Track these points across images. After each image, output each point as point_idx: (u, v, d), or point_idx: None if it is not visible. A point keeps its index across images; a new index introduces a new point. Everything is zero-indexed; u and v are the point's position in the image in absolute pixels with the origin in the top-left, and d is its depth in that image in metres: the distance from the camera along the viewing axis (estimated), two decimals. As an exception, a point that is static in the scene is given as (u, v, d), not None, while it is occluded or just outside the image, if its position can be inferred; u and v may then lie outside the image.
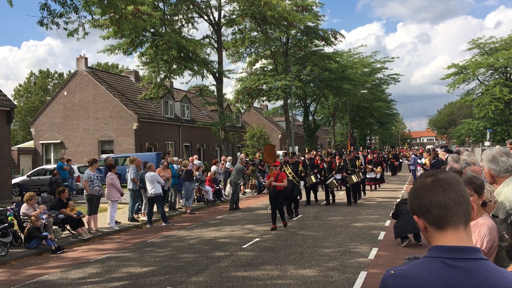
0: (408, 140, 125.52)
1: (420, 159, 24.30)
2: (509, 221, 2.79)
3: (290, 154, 15.83)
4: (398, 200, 11.52)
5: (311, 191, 17.61)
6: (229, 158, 23.79)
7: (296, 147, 34.82)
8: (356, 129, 65.27)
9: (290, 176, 14.27)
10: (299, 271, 8.06)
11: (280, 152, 33.00)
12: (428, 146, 33.67)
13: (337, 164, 17.63)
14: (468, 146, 56.85)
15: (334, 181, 16.84)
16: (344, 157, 18.79)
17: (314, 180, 17.05)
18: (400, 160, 39.30)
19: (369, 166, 21.41)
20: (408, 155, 38.27)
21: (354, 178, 17.02)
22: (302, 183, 15.25)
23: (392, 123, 79.34)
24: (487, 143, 46.12)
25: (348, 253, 9.27)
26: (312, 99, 46.94)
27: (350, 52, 49.83)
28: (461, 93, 58.33)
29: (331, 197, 17.44)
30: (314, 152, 20.60)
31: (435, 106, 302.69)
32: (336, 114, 54.16)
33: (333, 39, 34.74)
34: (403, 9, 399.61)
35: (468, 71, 53.76)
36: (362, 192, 19.36)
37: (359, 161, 18.19)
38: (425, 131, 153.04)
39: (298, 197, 14.88)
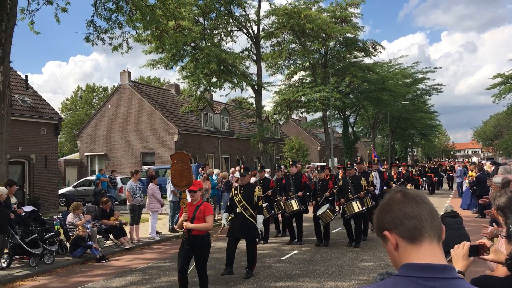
0: (451, 152, 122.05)
1: (465, 172, 23.23)
2: None
3: (242, 170, 9.71)
4: (442, 213, 11.22)
5: (293, 222, 12.28)
6: (268, 169, 23.81)
7: (336, 159, 34.49)
8: (397, 141, 64.05)
9: (239, 206, 8.75)
10: (339, 284, 7.96)
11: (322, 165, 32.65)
12: (473, 158, 31.89)
13: (335, 184, 12.18)
14: (516, 158, 54.74)
15: (329, 211, 11.32)
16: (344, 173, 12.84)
17: (296, 207, 11.74)
18: (442, 174, 34.09)
19: (393, 185, 14.85)
20: (447, 168, 34.92)
21: (356, 206, 11.18)
22: (260, 218, 8.86)
23: (435, 134, 77.41)
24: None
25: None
26: (352, 111, 46.48)
27: (391, 63, 49.21)
28: (507, 103, 56.27)
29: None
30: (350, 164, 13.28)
31: (481, 117, 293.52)
32: (376, 125, 53.38)
33: (372, 50, 34.42)
34: (447, 17, 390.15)
35: (514, 80, 51.91)
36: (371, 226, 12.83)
37: (370, 178, 11.97)
38: (469, 143, 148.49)
39: (255, 241, 9.07)
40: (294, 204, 11.73)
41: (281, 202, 12.17)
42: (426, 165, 31.92)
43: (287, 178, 12.43)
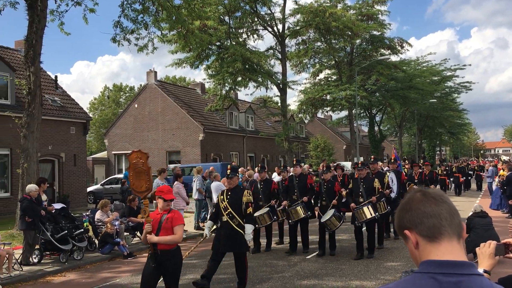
0: (481, 151, 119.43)
1: (496, 171, 22.55)
2: None
3: (228, 172, 7.99)
4: (471, 213, 11.01)
5: (300, 231, 10.90)
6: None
7: (361, 158, 34.17)
8: (425, 140, 62.97)
9: (225, 214, 7.60)
10: (364, 283, 7.90)
11: (347, 164, 32.33)
12: (504, 157, 30.97)
13: (346, 185, 11.03)
14: (549, 158, 53.15)
15: (334, 217, 10.02)
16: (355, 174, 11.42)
17: (302, 215, 10.48)
18: (470, 174, 31.41)
19: (414, 186, 13.51)
20: (476, 167, 33.46)
21: (368, 212, 9.78)
22: (250, 228, 7.61)
23: (464, 133, 75.86)
24: None
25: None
26: (378, 109, 45.98)
27: (418, 60, 48.41)
28: (540, 101, 54.73)
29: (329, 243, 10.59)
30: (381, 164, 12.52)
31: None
32: (403, 124, 52.64)
33: (399, 48, 33.98)
34: (477, 13, 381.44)
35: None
36: (386, 234, 12.12)
37: (385, 180, 10.60)
38: (500, 142, 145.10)
39: (244, 254, 7.80)
40: (300, 211, 10.48)
41: (282, 207, 11.16)
42: (454, 164, 30.92)
43: (291, 179, 11.07)
